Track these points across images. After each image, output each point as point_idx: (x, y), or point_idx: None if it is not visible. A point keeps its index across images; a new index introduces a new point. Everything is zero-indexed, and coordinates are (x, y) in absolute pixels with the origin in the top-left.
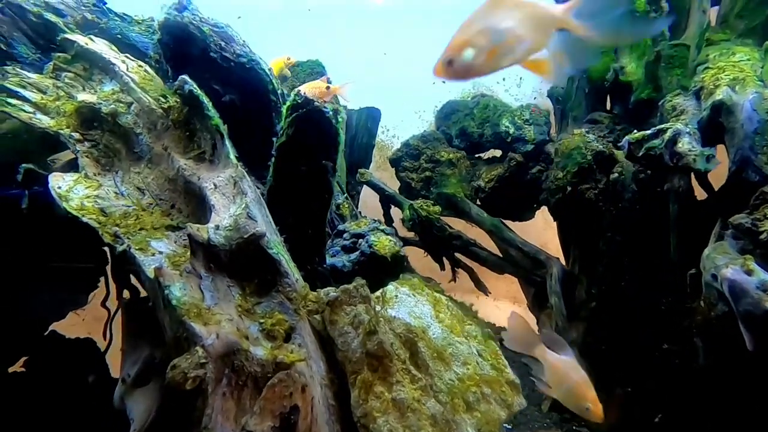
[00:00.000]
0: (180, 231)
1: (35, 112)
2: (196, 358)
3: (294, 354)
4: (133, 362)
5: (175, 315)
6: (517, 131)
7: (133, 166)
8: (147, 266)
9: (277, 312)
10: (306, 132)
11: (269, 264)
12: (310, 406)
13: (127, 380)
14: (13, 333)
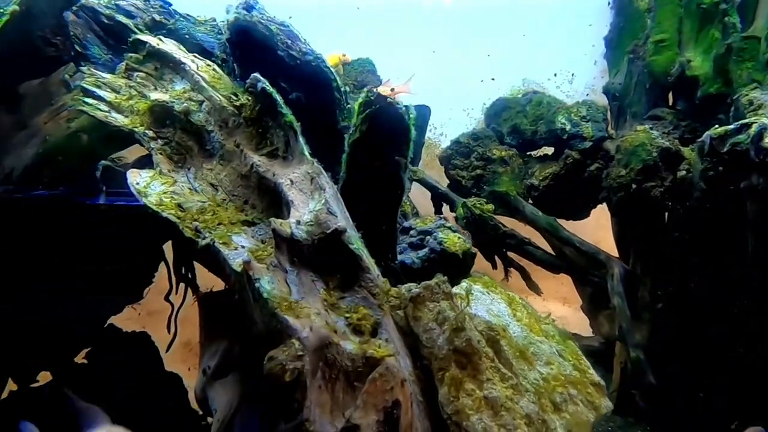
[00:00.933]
0: (255, 226)
1: (110, 111)
2: (293, 351)
3: (383, 349)
4: (211, 355)
5: (267, 308)
6: (574, 128)
7: (205, 162)
8: (232, 260)
9: (362, 307)
10: (379, 128)
11: (351, 259)
12: (409, 402)
13: (207, 372)
14: (76, 326)
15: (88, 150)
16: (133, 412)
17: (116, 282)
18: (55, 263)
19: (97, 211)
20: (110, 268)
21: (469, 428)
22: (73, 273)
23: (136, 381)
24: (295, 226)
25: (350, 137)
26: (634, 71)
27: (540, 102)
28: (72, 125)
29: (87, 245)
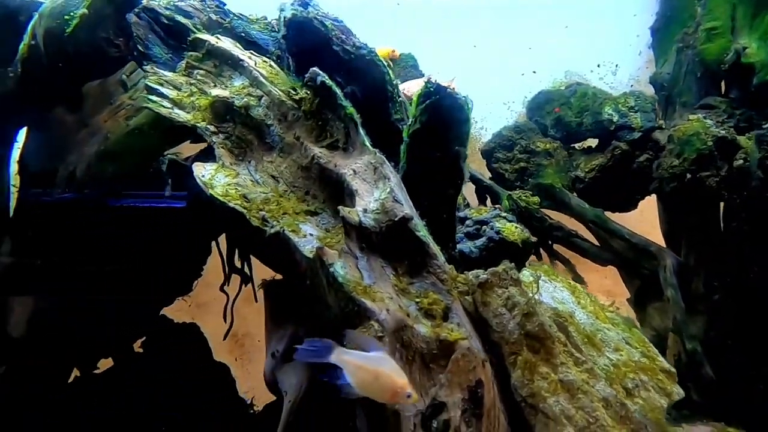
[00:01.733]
0: (318, 216)
1: (173, 108)
2: (372, 332)
3: (455, 333)
4: (278, 339)
5: (343, 291)
6: (622, 119)
7: (265, 155)
8: (303, 247)
9: (432, 292)
10: (439, 118)
11: (418, 246)
12: (491, 382)
13: (276, 356)
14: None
15: (146, 146)
16: (185, 399)
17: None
18: (113, 261)
19: (149, 211)
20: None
21: (546, 410)
22: (129, 269)
23: (188, 370)
24: (363, 214)
25: (409, 128)
26: (684, 60)
27: (585, 93)
28: (131, 123)
29: (140, 244)
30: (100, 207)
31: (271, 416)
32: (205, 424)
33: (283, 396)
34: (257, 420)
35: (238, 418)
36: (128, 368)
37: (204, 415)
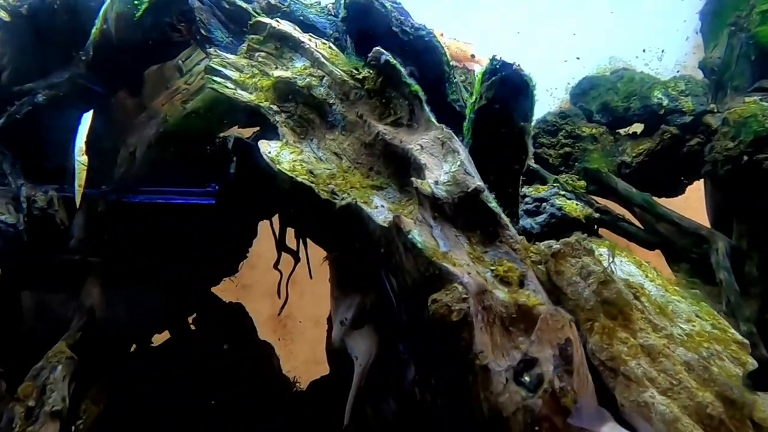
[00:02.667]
0: (383, 190)
1: (236, 88)
2: (457, 294)
3: (533, 298)
4: (346, 308)
5: (422, 256)
6: (672, 103)
7: (327, 134)
8: (377, 217)
9: (506, 260)
10: (505, 94)
11: (490, 216)
12: (578, 341)
13: (345, 323)
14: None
15: (203, 129)
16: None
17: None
18: (167, 246)
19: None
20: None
21: (628, 372)
22: (181, 252)
23: (235, 347)
24: (434, 186)
25: (474, 104)
26: (736, 44)
27: (632, 78)
28: (187, 107)
29: (191, 227)
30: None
31: (315, 394)
32: (252, 400)
33: (354, 361)
34: (302, 398)
35: (283, 395)
36: (182, 343)
37: (250, 390)
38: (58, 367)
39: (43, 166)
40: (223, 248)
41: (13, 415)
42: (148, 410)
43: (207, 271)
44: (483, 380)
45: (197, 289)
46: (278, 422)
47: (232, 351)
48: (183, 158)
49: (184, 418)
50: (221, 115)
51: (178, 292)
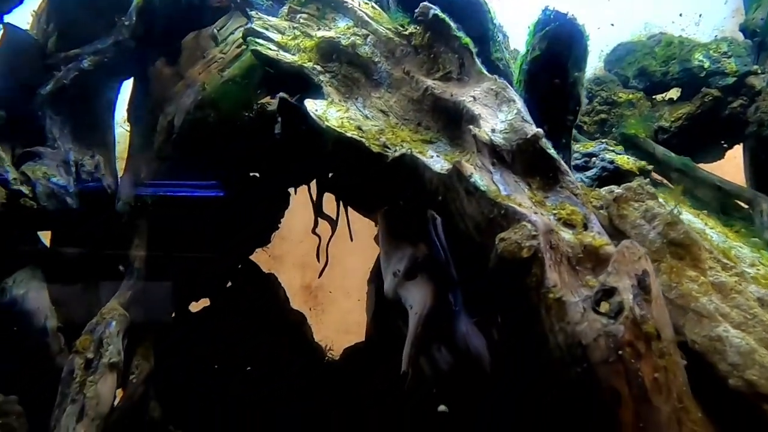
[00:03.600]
0: (434, 144)
1: (279, 50)
2: (527, 231)
3: (599, 239)
4: (398, 260)
5: (486, 199)
6: (714, 65)
7: (372, 92)
8: (433, 165)
9: (567, 204)
10: (559, 44)
11: (550, 162)
12: (654, 274)
13: (397, 275)
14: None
15: (241, 96)
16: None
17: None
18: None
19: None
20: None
21: (699, 309)
22: (219, 223)
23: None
24: (491, 133)
25: (525, 57)
26: None
27: (670, 42)
28: (224, 75)
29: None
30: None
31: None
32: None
33: (408, 310)
34: (336, 365)
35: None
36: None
37: (284, 357)
38: (112, 322)
39: (89, 131)
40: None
41: (73, 367)
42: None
43: (243, 240)
44: (558, 312)
45: (233, 258)
46: (314, 388)
47: (267, 319)
48: (222, 126)
49: (223, 383)
50: (258, 82)
51: (216, 260)
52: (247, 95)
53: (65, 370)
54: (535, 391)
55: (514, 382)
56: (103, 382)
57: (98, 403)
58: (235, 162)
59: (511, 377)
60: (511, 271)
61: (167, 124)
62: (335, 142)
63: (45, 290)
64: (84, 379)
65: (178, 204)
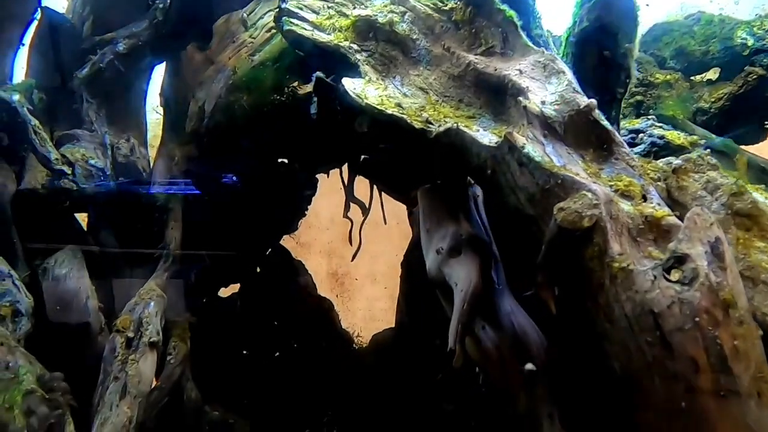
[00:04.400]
0: (477, 120)
1: (314, 30)
2: (587, 200)
3: (660, 210)
4: (440, 238)
5: (541, 169)
6: (758, 42)
7: (411, 70)
8: (482, 138)
9: (624, 176)
10: (610, 16)
11: (604, 134)
12: (727, 242)
13: (441, 252)
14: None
15: (272, 80)
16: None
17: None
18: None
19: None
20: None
21: None
22: (248, 209)
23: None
24: (542, 105)
25: (573, 28)
26: None
27: (710, 20)
28: (255, 59)
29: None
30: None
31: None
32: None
33: (453, 288)
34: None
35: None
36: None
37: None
38: (150, 303)
39: (124, 115)
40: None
41: (114, 345)
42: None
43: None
44: (624, 281)
45: (262, 244)
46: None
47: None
48: (253, 110)
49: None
50: (289, 65)
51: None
52: (277, 79)
53: (107, 349)
54: (592, 364)
55: (568, 358)
56: (143, 361)
57: (140, 381)
58: (266, 147)
59: (565, 353)
60: (571, 241)
61: (198, 109)
62: (374, 120)
63: (85, 270)
64: (125, 358)
65: (209, 189)
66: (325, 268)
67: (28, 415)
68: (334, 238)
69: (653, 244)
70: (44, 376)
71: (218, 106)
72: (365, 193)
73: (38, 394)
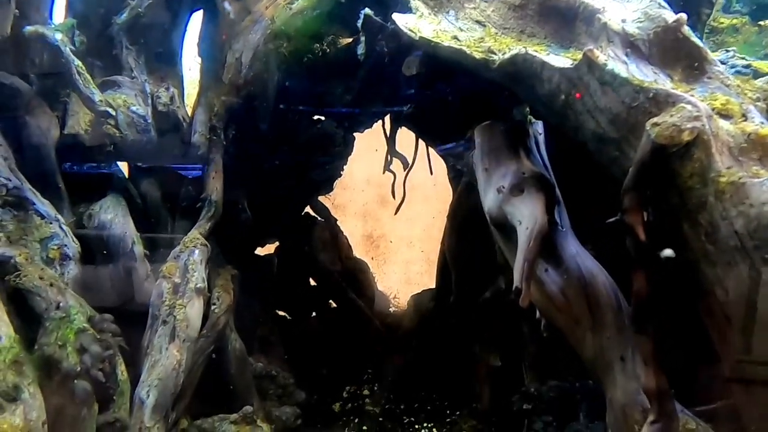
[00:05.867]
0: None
1: None
2: (687, 113)
3: (764, 128)
4: (501, 176)
5: (629, 85)
6: None
7: (466, 3)
8: (555, 62)
9: (719, 94)
10: None
11: (694, 51)
12: None
13: (502, 191)
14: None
15: (311, 28)
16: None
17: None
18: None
19: None
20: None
21: None
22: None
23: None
24: (622, 23)
25: None
26: None
27: None
28: (293, 7)
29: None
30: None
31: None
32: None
33: (516, 226)
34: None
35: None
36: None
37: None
38: (195, 250)
39: (162, 63)
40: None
41: (161, 290)
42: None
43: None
44: (735, 196)
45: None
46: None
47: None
48: (292, 60)
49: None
50: (329, 13)
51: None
52: (317, 27)
53: (154, 294)
54: (684, 295)
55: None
56: (191, 306)
57: (188, 326)
58: (303, 101)
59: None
60: (667, 158)
61: (235, 61)
62: (427, 57)
63: (129, 217)
64: (173, 303)
65: (247, 141)
66: (360, 231)
67: (81, 352)
68: (369, 200)
69: (758, 163)
70: (94, 317)
71: (256, 57)
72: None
73: (90, 332)
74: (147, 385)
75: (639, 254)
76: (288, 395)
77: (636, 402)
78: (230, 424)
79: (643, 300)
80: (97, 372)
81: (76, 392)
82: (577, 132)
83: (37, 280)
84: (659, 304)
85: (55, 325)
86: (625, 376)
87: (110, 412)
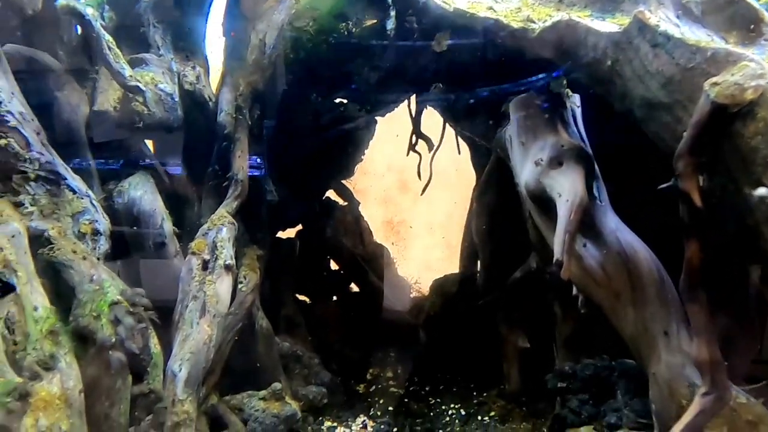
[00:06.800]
0: None
1: None
2: (750, 70)
3: None
4: (539, 149)
5: (684, 45)
6: None
7: None
8: (601, 27)
9: None
10: None
11: (750, 13)
12: None
13: (540, 164)
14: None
15: (336, 7)
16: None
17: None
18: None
19: None
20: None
21: None
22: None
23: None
24: None
25: None
26: None
27: None
28: None
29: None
30: None
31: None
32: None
33: (556, 199)
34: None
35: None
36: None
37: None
38: (223, 228)
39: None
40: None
41: (191, 266)
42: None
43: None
44: None
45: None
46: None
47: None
48: (317, 41)
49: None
50: None
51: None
52: (342, 5)
53: (184, 270)
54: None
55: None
56: (220, 282)
57: (218, 302)
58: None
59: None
60: (727, 119)
61: (259, 42)
62: (460, 30)
63: (158, 194)
64: (203, 278)
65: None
66: (381, 216)
67: (115, 324)
68: (390, 185)
69: None
70: (126, 291)
71: (280, 37)
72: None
73: (123, 305)
74: (179, 358)
75: (693, 221)
76: (314, 375)
77: (682, 376)
78: (259, 401)
79: (696, 268)
80: (131, 344)
81: (111, 363)
82: (623, 99)
83: (70, 254)
84: (712, 274)
85: (89, 298)
86: (669, 350)
87: (144, 384)
